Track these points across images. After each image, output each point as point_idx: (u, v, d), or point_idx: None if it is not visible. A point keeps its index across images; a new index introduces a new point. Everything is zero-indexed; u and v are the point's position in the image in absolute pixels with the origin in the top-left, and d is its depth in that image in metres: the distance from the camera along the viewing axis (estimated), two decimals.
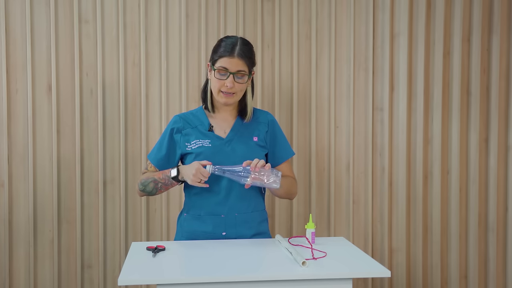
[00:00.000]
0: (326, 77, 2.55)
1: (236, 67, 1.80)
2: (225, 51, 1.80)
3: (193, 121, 1.93)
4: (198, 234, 1.88)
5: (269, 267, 1.54)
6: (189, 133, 1.90)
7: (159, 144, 1.94)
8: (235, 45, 1.81)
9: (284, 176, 1.96)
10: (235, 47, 1.81)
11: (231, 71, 1.80)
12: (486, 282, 2.65)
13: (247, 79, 1.85)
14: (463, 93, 2.58)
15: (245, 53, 1.82)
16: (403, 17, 2.53)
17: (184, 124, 1.92)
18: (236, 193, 1.86)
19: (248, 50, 1.84)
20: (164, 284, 1.42)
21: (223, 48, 1.82)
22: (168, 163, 1.92)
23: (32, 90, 2.40)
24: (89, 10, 2.42)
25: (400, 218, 2.58)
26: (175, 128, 1.91)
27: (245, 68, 1.82)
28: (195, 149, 1.86)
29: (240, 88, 1.84)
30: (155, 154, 1.94)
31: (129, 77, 2.45)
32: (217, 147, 1.86)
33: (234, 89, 1.82)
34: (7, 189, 2.40)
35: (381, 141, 2.57)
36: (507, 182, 2.62)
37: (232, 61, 1.79)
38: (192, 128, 1.91)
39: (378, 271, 1.50)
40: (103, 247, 2.45)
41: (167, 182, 1.84)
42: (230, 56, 1.79)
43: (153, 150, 1.96)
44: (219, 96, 1.85)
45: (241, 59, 1.80)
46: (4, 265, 2.41)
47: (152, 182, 1.87)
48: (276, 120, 1.99)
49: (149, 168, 1.95)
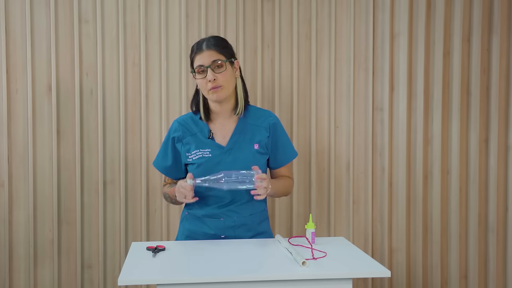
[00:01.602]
0: (326, 77, 2.55)
1: (210, 59, 1.81)
2: (196, 49, 1.84)
3: (192, 127, 1.91)
4: (198, 234, 1.89)
5: (269, 267, 1.54)
6: (189, 142, 1.88)
7: (163, 152, 1.94)
8: (203, 41, 1.85)
9: (280, 177, 1.95)
10: (204, 43, 1.84)
11: (206, 65, 1.80)
12: (486, 282, 2.65)
13: (228, 67, 1.83)
14: (463, 93, 2.58)
15: (215, 43, 1.84)
16: (403, 17, 2.53)
17: (184, 132, 1.90)
18: (235, 197, 1.86)
19: (217, 41, 1.85)
20: (164, 284, 1.42)
21: (194, 49, 1.85)
22: (177, 171, 1.94)
23: (32, 90, 2.40)
24: (89, 10, 2.42)
25: (400, 218, 2.58)
26: (176, 137, 1.91)
27: (219, 57, 1.81)
28: (196, 159, 1.85)
29: (225, 79, 1.81)
30: (161, 162, 1.95)
31: (129, 77, 2.45)
32: (217, 157, 1.84)
33: (218, 81, 1.80)
34: (7, 189, 2.40)
35: (381, 141, 2.57)
36: (507, 182, 2.62)
37: (203, 54, 1.81)
38: (191, 135, 1.89)
39: (378, 271, 1.50)
40: (103, 247, 2.45)
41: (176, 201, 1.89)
42: (200, 52, 1.82)
43: (158, 158, 1.96)
44: (209, 95, 1.83)
45: (211, 50, 1.81)
46: (4, 265, 2.41)
47: (169, 198, 1.93)
48: (278, 121, 1.95)
49: (167, 180, 1.98)
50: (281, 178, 1.96)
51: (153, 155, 2.46)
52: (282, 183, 1.92)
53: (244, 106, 1.91)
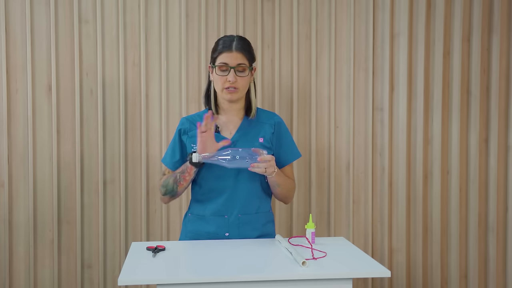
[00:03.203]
0: (326, 77, 2.55)
1: (236, 61, 1.82)
2: (223, 47, 1.84)
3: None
4: (201, 234, 1.88)
5: (269, 267, 1.54)
6: (195, 135, 1.90)
7: (171, 148, 1.95)
8: (233, 41, 1.85)
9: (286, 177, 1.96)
10: (233, 42, 1.85)
11: (231, 66, 1.82)
12: (486, 282, 2.65)
13: (249, 73, 1.86)
14: (463, 93, 2.58)
15: (243, 46, 1.85)
16: (403, 17, 2.53)
17: (191, 125, 1.93)
18: (240, 194, 1.86)
19: (246, 44, 1.87)
20: (164, 284, 1.42)
21: (221, 45, 1.85)
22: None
23: (32, 90, 2.40)
24: (89, 10, 2.42)
25: (400, 218, 2.58)
26: (182, 129, 1.93)
27: (245, 61, 1.84)
28: None
29: (243, 83, 1.85)
30: (169, 158, 1.95)
31: (129, 77, 2.45)
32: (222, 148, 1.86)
33: (236, 84, 1.83)
34: (7, 189, 2.40)
35: (381, 141, 2.57)
36: (507, 182, 2.62)
37: (231, 55, 1.82)
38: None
39: (378, 271, 1.50)
40: (103, 247, 2.45)
41: (184, 169, 1.82)
42: (228, 51, 1.83)
43: (167, 155, 1.97)
44: (223, 93, 1.85)
45: (239, 52, 1.83)
46: (4, 265, 2.41)
47: (171, 178, 1.87)
48: (283, 122, 1.98)
49: (166, 173, 1.96)
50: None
51: (153, 155, 2.46)
52: (286, 178, 1.93)
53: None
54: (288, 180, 1.93)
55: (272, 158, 1.75)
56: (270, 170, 1.75)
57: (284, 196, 1.95)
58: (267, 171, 1.74)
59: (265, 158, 1.72)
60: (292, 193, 1.99)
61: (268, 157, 1.73)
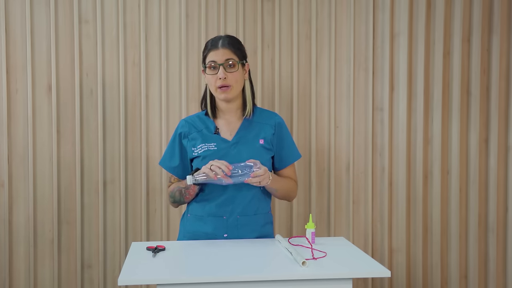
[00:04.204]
0: (326, 77, 2.55)
1: (223, 57, 1.83)
2: (211, 45, 1.87)
3: (198, 124, 1.93)
4: (199, 235, 1.88)
5: (269, 267, 1.54)
6: (195, 138, 1.90)
7: (170, 151, 1.95)
8: (219, 39, 1.88)
9: (286, 177, 1.95)
10: (220, 40, 1.87)
11: (219, 62, 1.83)
12: (486, 282, 2.65)
13: (239, 68, 1.85)
14: (463, 93, 2.59)
15: (230, 42, 1.87)
16: (403, 17, 2.53)
17: (190, 128, 1.92)
18: (239, 195, 1.86)
19: (233, 41, 1.89)
20: (164, 284, 1.42)
21: (209, 45, 1.88)
22: (183, 170, 1.94)
23: (32, 90, 2.40)
24: (89, 10, 2.42)
25: (400, 218, 2.58)
26: (182, 133, 1.93)
27: (232, 57, 1.85)
28: (202, 153, 1.86)
29: (235, 79, 1.84)
30: (168, 162, 1.95)
31: (129, 77, 2.45)
32: (222, 150, 1.86)
33: (227, 80, 1.83)
34: (7, 189, 2.40)
35: (381, 141, 2.57)
36: (507, 182, 2.62)
37: (218, 52, 1.84)
38: (198, 132, 1.91)
39: (378, 271, 1.50)
40: (103, 247, 2.45)
41: (188, 186, 1.84)
42: (215, 49, 1.85)
43: (165, 157, 1.97)
44: (217, 93, 1.85)
45: (226, 49, 1.84)
46: (4, 265, 2.41)
47: (177, 191, 1.89)
48: (284, 122, 1.97)
49: (172, 180, 1.96)
50: (285, 178, 1.96)
51: (153, 155, 2.46)
52: (285, 181, 1.93)
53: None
54: (286, 182, 1.93)
55: (265, 171, 1.75)
56: (264, 182, 1.76)
57: (285, 196, 1.95)
58: (261, 183, 1.76)
59: (258, 173, 1.72)
60: (294, 193, 1.99)
61: (261, 172, 1.73)
